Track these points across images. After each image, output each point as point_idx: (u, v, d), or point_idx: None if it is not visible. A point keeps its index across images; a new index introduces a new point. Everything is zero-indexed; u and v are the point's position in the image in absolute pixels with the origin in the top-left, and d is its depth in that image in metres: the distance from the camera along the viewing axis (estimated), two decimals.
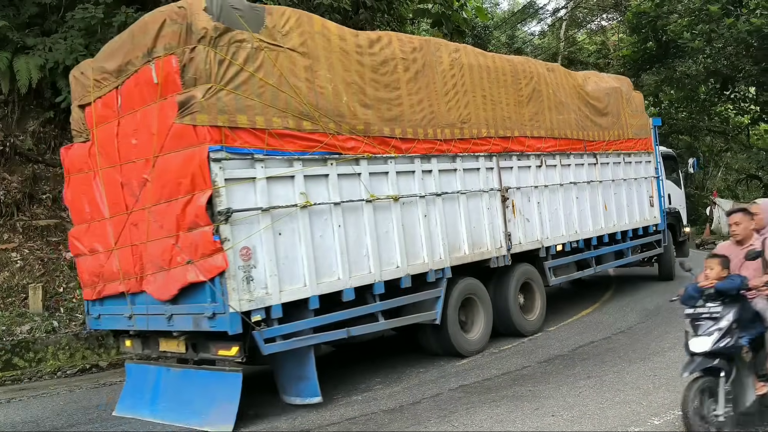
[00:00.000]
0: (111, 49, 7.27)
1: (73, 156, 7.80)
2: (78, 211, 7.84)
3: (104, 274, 7.42)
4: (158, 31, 6.45)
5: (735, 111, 25.92)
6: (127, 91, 6.91)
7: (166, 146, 6.37)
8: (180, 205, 6.20)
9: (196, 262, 6.12)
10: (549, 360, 8.33)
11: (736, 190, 26.81)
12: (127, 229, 7.00)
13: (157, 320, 6.77)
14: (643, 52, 25.27)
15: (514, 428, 5.82)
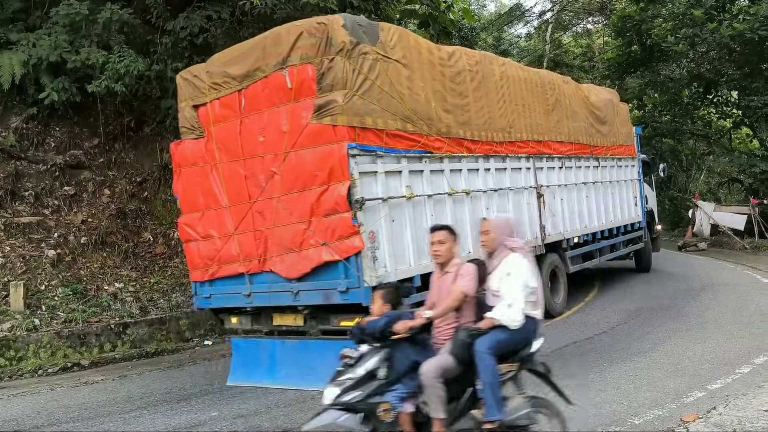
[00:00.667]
0: (234, 55, 8.01)
1: (185, 151, 8.41)
2: (189, 201, 8.42)
3: (221, 258, 8.05)
4: (294, 42, 7.33)
5: (717, 115, 26.18)
6: (252, 93, 7.69)
7: (299, 143, 7.23)
8: (315, 195, 7.10)
9: (331, 244, 7.02)
10: None
11: (717, 193, 27.07)
12: (249, 217, 7.74)
13: (281, 297, 7.59)
14: (628, 56, 25.48)
15: None
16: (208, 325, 12.02)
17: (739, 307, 10.87)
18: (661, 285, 13.58)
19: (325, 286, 7.22)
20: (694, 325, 9.65)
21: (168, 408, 7.41)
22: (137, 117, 14.76)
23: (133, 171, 14.48)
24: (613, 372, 7.47)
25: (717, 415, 5.80)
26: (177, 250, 13.63)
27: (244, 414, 6.90)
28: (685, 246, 20.01)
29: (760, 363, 7.44)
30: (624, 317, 10.62)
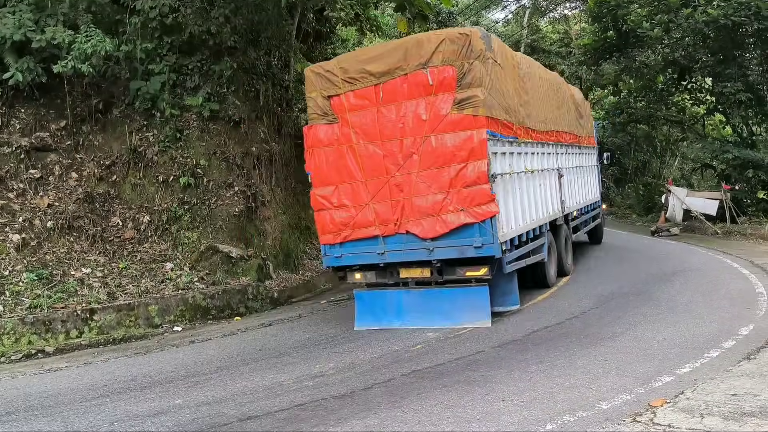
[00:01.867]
0: (372, 55, 9.72)
1: (318, 134, 9.87)
2: (322, 176, 9.89)
3: (355, 224, 9.65)
4: (436, 48, 9.12)
5: (691, 101, 26.30)
6: (391, 87, 9.36)
7: (439, 129, 9.11)
8: (454, 171, 9.06)
9: (469, 210, 9.02)
10: (503, 345, 8.34)
11: (691, 179, 27.29)
12: (386, 189, 9.44)
13: (416, 254, 9.37)
14: (604, 41, 25.46)
15: (463, 413, 5.79)
16: (178, 311, 11.85)
17: (710, 291, 10.94)
18: (633, 270, 13.64)
19: (460, 244, 9.13)
20: (664, 310, 9.69)
21: (131, 396, 7.26)
22: (106, 99, 14.40)
23: (101, 154, 14.15)
24: (583, 356, 7.46)
25: (685, 399, 5.79)
26: (147, 235, 13.41)
27: (209, 401, 6.78)
28: (658, 231, 20.13)
29: (728, 347, 7.47)
30: (596, 302, 10.63)
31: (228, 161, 14.25)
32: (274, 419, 6.04)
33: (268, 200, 15.08)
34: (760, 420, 5.19)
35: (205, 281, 12.80)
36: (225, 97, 14.50)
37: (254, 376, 7.70)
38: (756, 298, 10.15)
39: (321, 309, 12.40)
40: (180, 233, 13.49)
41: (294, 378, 7.48)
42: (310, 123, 10.03)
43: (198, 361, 8.78)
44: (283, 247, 15.20)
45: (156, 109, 14.20)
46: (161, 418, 6.34)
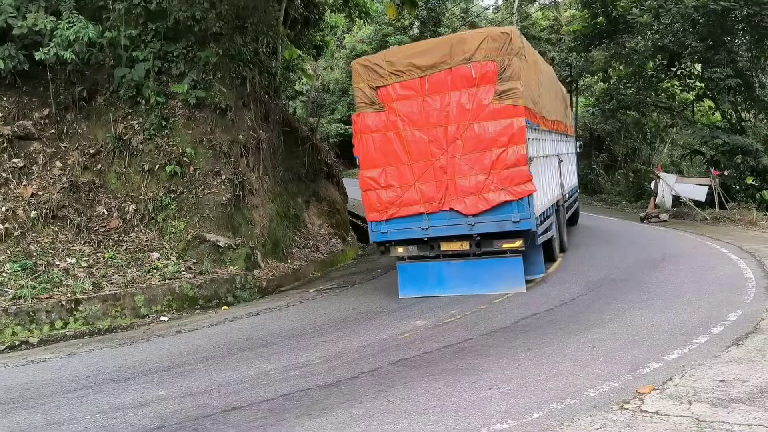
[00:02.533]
0: (418, 51, 10.77)
1: (365, 121, 10.85)
2: (369, 160, 10.82)
3: (401, 202, 10.66)
4: (479, 45, 10.19)
5: (681, 87, 26.34)
6: (436, 80, 10.40)
7: (481, 117, 10.19)
8: (495, 154, 10.18)
9: (508, 189, 10.18)
10: (491, 332, 8.29)
11: (680, 165, 27.34)
12: (431, 171, 10.46)
13: (458, 228, 10.47)
14: (594, 27, 25.39)
15: (450, 402, 5.73)
16: (165, 301, 11.73)
17: (699, 277, 10.93)
18: (622, 256, 13.63)
19: (500, 219, 10.26)
20: (653, 296, 9.66)
21: (115, 387, 7.15)
22: (89, 86, 14.16)
23: (85, 142, 13.94)
24: (571, 343, 7.41)
25: (673, 386, 5.75)
26: (132, 224, 13.26)
27: (193, 392, 6.68)
28: (647, 217, 20.16)
29: (717, 333, 7.44)
30: (585, 288, 10.60)
31: (215, 149, 14.07)
32: (259, 410, 5.96)
33: (255, 189, 14.93)
34: (748, 406, 5.16)
35: (192, 271, 12.67)
36: (211, 84, 14.29)
37: (240, 366, 7.61)
38: (744, 283, 10.14)
39: (310, 298, 12.31)
40: (166, 222, 13.33)
41: (280, 368, 7.39)
42: (358, 111, 10.95)
43: (184, 351, 8.68)
44: (271, 236, 15.07)
45: (141, 97, 13.99)
46: (144, 410, 6.24)
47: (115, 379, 7.51)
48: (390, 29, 44.51)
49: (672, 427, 4.84)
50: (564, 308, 9.37)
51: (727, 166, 21.62)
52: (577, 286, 10.83)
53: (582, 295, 10.14)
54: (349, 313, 10.46)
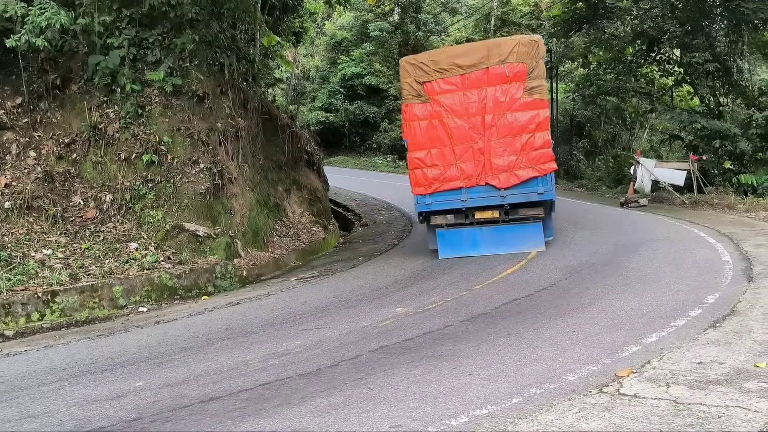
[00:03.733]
0: (459, 52, 13.09)
1: (413, 110, 12.79)
2: (416, 143, 12.82)
3: (444, 178, 12.64)
4: (512, 49, 12.41)
5: (660, 73, 26.45)
6: (475, 77, 12.52)
7: (513, 108, 12.36)
8: (525, 139, 12.35)
9: (535, 167, 12.36)
10: (471, 318, 8.28)
11: (660, 150, 27.51)
12: (470, 152, 12.56)
13: (491, 200, 12.58)
14: (573, 13, 25.40)
15: (430, 389, 5.71)
16: (144, 292, 11.59)
17: (677, 261, 11.02)
18: (602, 241, 13.70)
19: (527, 191, 12.41)
20: (632, 280, 9.72)
21: (91, 379, 7.04)
22: (63, 74, 13.88)
23: (60, 131, 13.68)
24: (551, 328, 7.43)
25: (651, 369, 5.79)
26: (109, 214, 13.06)
27: (171, 383, 6.60)
28: (626, 202, 20.28)
29: (695, 315, 7.51)
30: (565, 274, 10.64)
31: (192, 138, 13.87)
32: (237, 399, 5.90)
33: (235, 177, 14.77)
34: (725, 387, 5.20)
35: (171, 260, 12.53)
36: (188, 71, 14.05)
37: (219, 356, 7.54)
38: (722, 266, 10.24)
39: (290, 287, 12.24)
40: (144, 212, 13.15)
41: (260, 357, 7.34)
42: (405, 102, 12.91)
43: (162, 342, 8.58)
44: (251, 225, 14.94)
45: (116, 85, 13.73)
46: (121, 401, 6.16)
47: (91, 371, 7.41)
48: (370, 15, 44.27)
49: (650, 410, 4.86)
50: (544, 293, 9.40)
51: (705, 151, 21.79)
52: (558, 271, 10.87)
53: (562, 280, 10.18)
54: (330, 301, 10.41)
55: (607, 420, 4.75)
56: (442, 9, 46.20)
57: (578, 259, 11.81)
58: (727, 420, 4.59)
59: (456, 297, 9.62)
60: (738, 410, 4.74)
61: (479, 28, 39.95)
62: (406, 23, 43.30)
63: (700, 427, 4.51)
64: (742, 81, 23.52)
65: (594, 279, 10.08)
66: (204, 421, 5.48)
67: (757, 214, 16.38)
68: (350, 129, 44.30)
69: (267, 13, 18.68)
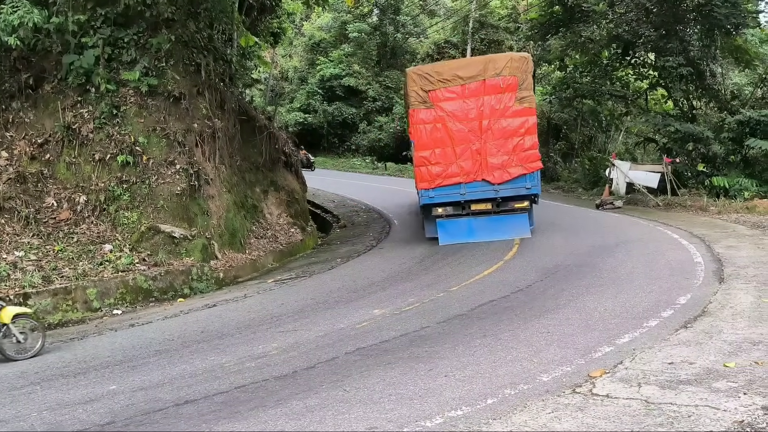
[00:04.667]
0: (461, 66, 15.06)
1: (420, 115, 14.34)
2: (422, 144, 14.35)
3: (446, 175, 14.21)
4: (505, 64, 14.17)
5: (635, 76, 26.76)
6: (473, 87, 14.15)
7: (507, 115, 14.05)
8: (515, 141, 14.08)
9: (524, 165, 14.10)
10: (448, 320, 8.32)
11: (634, 153, 27.84)
12: (469, 152, 14.18)
13: (486, 193, 14.24)
14: (550, 16, 25.59)
15: (405, 390, 5.73)
16: (119, 294, 11.47)
17: (650, 262, 11.16)
18: (577, 242, 13.83)
19: (516, 186, 14.22)
20: (606, 281, 9.83)
21: (63, 383, 6.95)
22: (36, 73, 13.70)
23: (33, 132, 13.49)
24: (527, 329, 7.49)
25: (623, 369, 5.86)
26: (83, 216, 12.91)
27: (145, 386, 6.54)
28: (602, 204, 20.48)
29: (667, 316, 7.61)
30: (541, 275, 10.73)
31: (168, 138, 13.76)
32: (212, 402, 5.87)
33: (211, 178, 14.68)
34: (695, 387, 5.28)
35: (146, 262, 12.42)
36: (164, 71, 13.94)
37: (194, 359, 7.49)
38: (694, 267, 10.39)
39: (268, 288, 12.19)
40: (119, 213, 13.01)
41: (236, 359, 7.30)
42: (412, 108, 14.49)
43: (136, 345, 8.50)
44: (228, 227, 14.86)
45: (90, 85, 13.58)
46: (94, 405, 6.09)
47: (64, 374, 7.31)
48: (349, 17, 44.27)
49: (621, 410, 4.93)
50: (520, 294, 9.47)
51: (678, 154, 22.11)
52: (534, 273, 10.95)
53: (538, 282, 10.26)
54: (307, 303, 10.39)
55: (580, 420, 4.80)
56: (420, 11, 46.36)
57: (554, 261, 11.91)
58: (697, 419, 4.67)
59: (433, 298, 9.65)
60: (707, 410, 4.82)
61: (457, 30, 40.13)
62: (385, 25, 43.39)
63: (671, 426, 4.58)
64: (715, 85, 23.88)
65: (569, 280, 10.18)
66: (178, 424, 5.44)
67: (729, 216, 16.66)
68: (329, 130, 44.27)
69: (244, 13, 18.61)
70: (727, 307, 7.84)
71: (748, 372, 5.55)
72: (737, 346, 6.30)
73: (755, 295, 8.31)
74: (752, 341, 6.41)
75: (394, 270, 12.56)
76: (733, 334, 6.71)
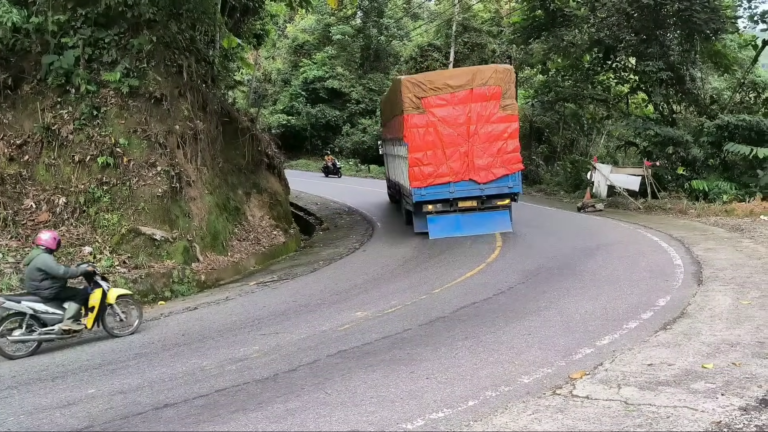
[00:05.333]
0: (451, 75, 16.14)
1: (413, 120, 15.27)
2: (416, 146, 15.31)
3: (436, 175, 15.26)
4: (491, 75, 15.22)
5: (616, 80, 26.98)
6: (462, 95, 15.15)
7: (492, 121, 15.10)
8: (500, 144, 15.15)
9: (507, 166, 15.22)
10: (430, 322, 8.33)
11: (615, 156, 28.07)
12: (458, 154, 15.21)
13: (472, 192, 15.35)
14: (533, 20, 25.73)
15: (387, 393, 5.73)
16: None
17: (630, 264, 11.26)
18: (559, 245, 13.91)
19: (500, 185, 15.39)
20: (587, 283, 9.90)
21: (41, 387, 6.87)
22: (15, 74, 13.54)
23: (11, 133, 13.33)
24: (508, 331, 7.52)
25: (603, 371, 5.90)
26: (63, 218, 12.77)
27: (124, 390, 6.48)
28: (583, 207, 20.61)
29: (646, 318, 7.68)
30: (522, 277, 10.77)
31: (150, 140, 13.65)
32: (192, 406, 5.83)
33: (193, 180, 14.58)
34: (674, 388, 5.33)
35: (126, 265, 12.31)
36: (145, 72, 13.83)
37: (174, 362, 7.43)
38: (674, 270, 10.49)
39: (250, 291, 12.13)
40: (99, 215, 12.88)
41: (216, 363, 7.25)
42: (406, 113, 15.33)
43: (116, 348, 8.42)
44: (210, 229, 14.77)
45: (71, 85, 13.45)
46: (72, 409, 6.02)
47: (42, 378, 7.22)
48: (332, 19, 44.24)
49: (601, 411, 4.96)
50: (502, 297, 9.50)
51: (659, 157, 22.31)
52: (516, 275, 11.00)
53: (519, 284, 10.31)
54: (289, 305, 10.35)
55: (560, 421, 4.83)
56: (404, 14, 46.46)
57: (536, 263, 11.97)
58: (676, 420, 4.71)
59: (415, 301, 9.66)
60: (686, 410, 4.87)
61: (441, 33, 40.24)
62: (369, 27, 43.42)
63: (649, 427, 4.62)
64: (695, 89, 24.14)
65: (551, 282, 10.24)
66: (157, 428, 5.39)
67: (708, 219, 16.84)
68: (312, 132, 44.18)
69: (227, 14, 18.52)
70: (706, 309, 7.93)
71: (726, 373, 5.61)
72: (715, 347, 6.38)
73: (733, 297, 8.41)
74: (730, 343, 6.49)
75: (376, 272, 12.55)
76: (711, 335, 6.79)
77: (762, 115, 21.79)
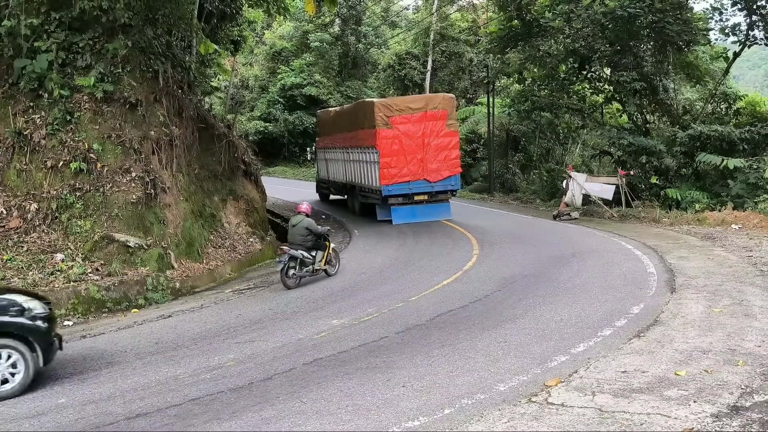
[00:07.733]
0: (411, 101, 20.98)
1: (383, 133, 19.53)
2: (385, 152, 19.51)
3: (400, 175, 19.57)
4: (440, 101, 20.49)
5: (591, 90, 27.28)
6: (419, 115, 19.87)
7: (440, 135, 20.10)
8: (445, 153, 20.22)
9: (450, 170, 20.38)
10: (407, 330, 8.33)
11: (590, 165, 28.35)
12: (416, 160, 19.75)
13: (426, 188, 19.99)
14: (509, 30, 25.92)
15: (363, 401, 5.70)
16: (70, 305, 11.18)
17: (605, 272, 11.37)
18: (535, 253, 14.01)
19: (445, 183, 20.10)
20: (562, 291, 9.97)
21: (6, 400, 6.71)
22: None
23: None
24: (484, 339, 7.54)
25: (578, 378, 5.94)
26: (34, 224, 12.53)
27: (95, 399, 6.38)
28: (559, 215, 20.78)
29: (620, 326, 7.76)
30: (499, 285, 10.82)
31: (124, 145, 13.49)
32: (165, 416, 5.74)
33: (168, 187, 14.43)
34: (648, 395, 5.38)
35: (99, 272, 12.12)
36: (120, 77, 13.68)
37: (147, 371, 7.33)
38: (647, 278, 10.62)
39: (225, 299, 12.02)
40: (71, 222, 12.68)
41: (190, 371, 7.17)
42: (378, 128, 19.53)
43: (87, 357, 8.27)
44: (185, 236, 14.61)
45: (43, 90, 13.23)
46: (41, 419, 5.91)
47: None
48: (311, 26, 44.23)
49: (576, 418, 4.99)
50: (478, 304, 9.53)
51: (633, 166, 22.58)
52: (492, 283, 11.04)
53: (496, 292, 10.35)
54: (265, 313, 10.28)
55: (535, 429, 4.85)
56: (382, 22, 46.60)
57: (512, 271, 12.03)
58: (649, 427, 4.75)
59: (392, 308, 9.65)
60: (659, 417, 4.92)
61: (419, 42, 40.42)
62: (347, 35, 43.46)
63: None
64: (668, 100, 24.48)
65: (526, 290, 10.30)
66: None
67: (681, 228, 17.09)
68: (289, 139, 44.06)
69: (204, 20, 18.42)
70: (679, 316, 8.03)
71: (698, 380, 5.68)
72: (688, 354, 6.45)
73: (705, 305, 8.53)
74: (702, 350, 6.57)
75: (354, 280, 12.52)
76: (684, 342, 6.87)
77: (733, 125, 22.16)
